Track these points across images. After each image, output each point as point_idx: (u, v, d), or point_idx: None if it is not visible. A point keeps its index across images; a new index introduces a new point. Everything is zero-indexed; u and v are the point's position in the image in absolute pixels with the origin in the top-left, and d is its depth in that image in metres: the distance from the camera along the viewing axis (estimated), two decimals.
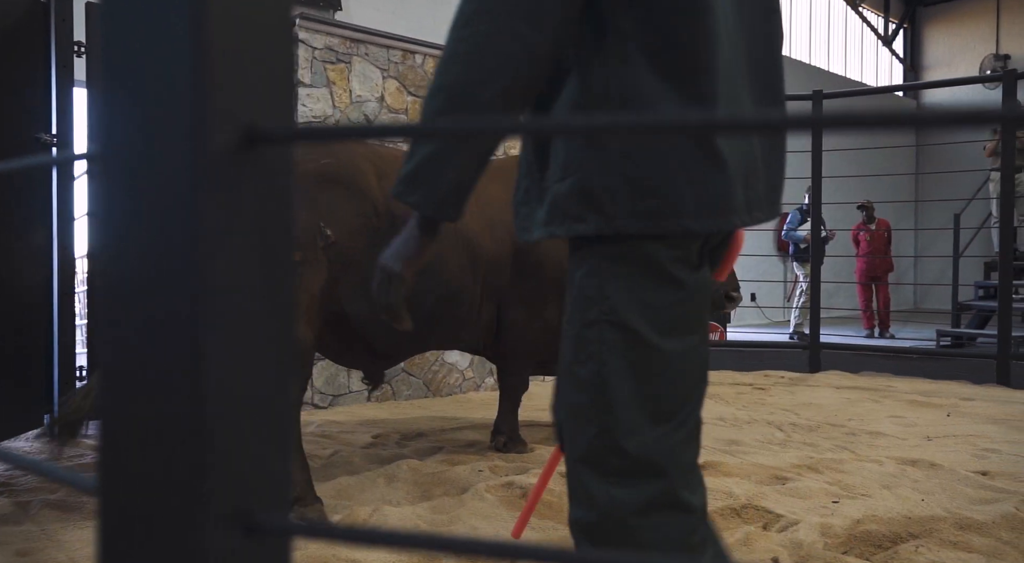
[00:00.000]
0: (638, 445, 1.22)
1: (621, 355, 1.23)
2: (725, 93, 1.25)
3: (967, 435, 4.06)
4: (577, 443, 1.28)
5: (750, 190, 1.30)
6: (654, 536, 1.22)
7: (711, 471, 3.23)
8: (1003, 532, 2.54)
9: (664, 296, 1.25)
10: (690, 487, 1.26)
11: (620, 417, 1.23)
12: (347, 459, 3.44)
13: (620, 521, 1.22)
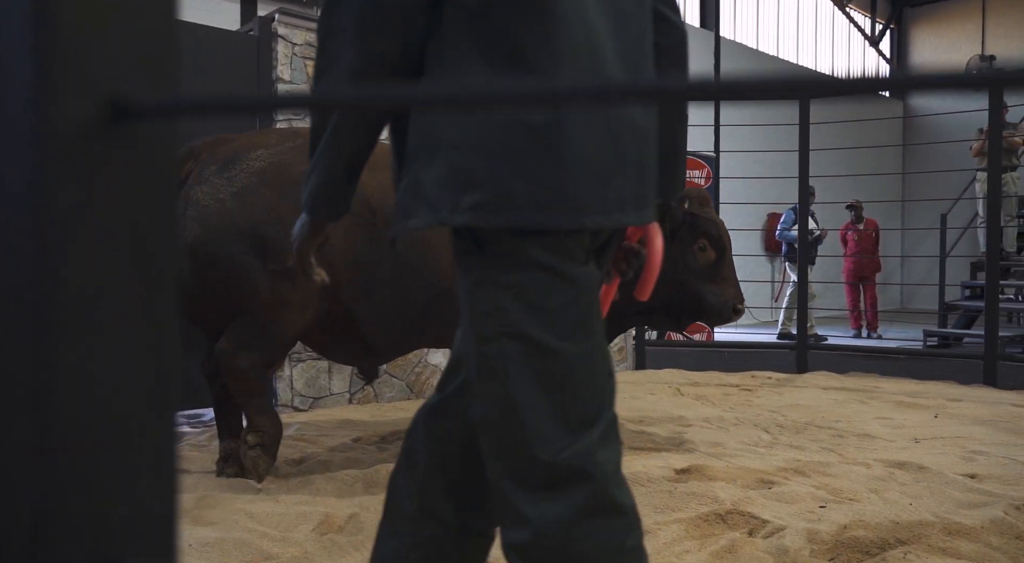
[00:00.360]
0: (556, 454, 1.19)
1: (524, 366, 1.22)
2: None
3: (955, 437, 4.02)
4: (497, 462, 1.26)
5: (609, 188, 1.27)
6: (591, 545, 1.19)
7: (697, 475, 3.18)
8: (992, 537, 2.49)
9: (557, 298, 1.23)
10: (619, 487, 1.24)
11: (533, 429, 1.20)
12: (325, 462, 3.36)
13: (554, 536, 1.18)
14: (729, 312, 3.60)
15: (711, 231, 3.61)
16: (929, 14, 19.42)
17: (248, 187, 3.01)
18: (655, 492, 2.92)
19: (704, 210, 3.65)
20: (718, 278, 3.60)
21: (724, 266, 3.62)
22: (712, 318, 3.64)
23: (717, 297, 3.58)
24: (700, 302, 3.58)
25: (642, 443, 3.79)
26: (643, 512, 2.71)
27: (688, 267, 3.58)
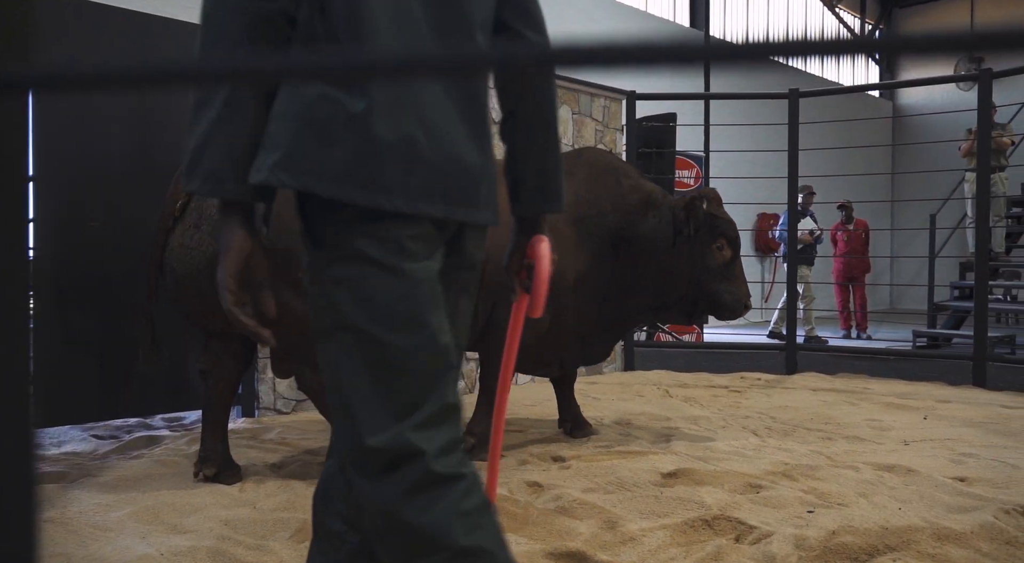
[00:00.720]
0: (385, 441, 1.25)
1: (355, 358, 1.28)
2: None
3: (944, 439, 3.99)
4: (342, 451, 1.36)
5: (413, 175, 1.30)
6: (429, 518, 1.24)
7: (683, 479, 3.13)
8: (982, 543, 2.45)
9: (387, 293, 1.28)
10: (446, 459, 1.28)
11: (362, 418, 1.27)
12: (306, 467, 3.30)
13: (394, 515, 1.26)
14: (741, 308, 3.76)
15: (729, 231, 3.75)
16: (918, 15, 19.47)
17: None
18: (641, 497, 2.86)
19: (720, 211, 3.78)
20: (731, 276, 3.75)
21: (737, 265, 3.79)
22: (725, 314, 3.78)
23: (731, 295, 3.73)
24: (716, 299, 3.73)
25: (628, 446, 3.74)
26: (628, 518, 2.67)
27: (706, 266, 3.71)
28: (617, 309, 3.79)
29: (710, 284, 3.73)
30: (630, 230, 3.72)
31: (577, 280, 3.61)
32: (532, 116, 1.56)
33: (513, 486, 3.00)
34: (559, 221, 3.54)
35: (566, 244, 3.56)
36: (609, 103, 6.42)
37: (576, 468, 3.27)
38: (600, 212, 3.71)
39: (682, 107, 9.19)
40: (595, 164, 3.85)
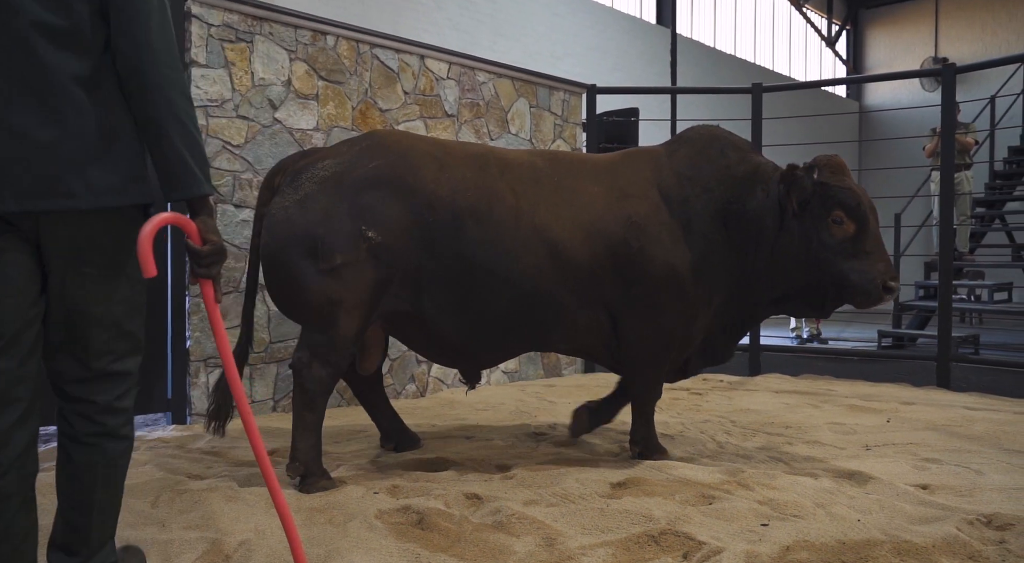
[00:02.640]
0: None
1: None
2: None
3: (907, 443, 3.85)
4: None
5: None
6: None
7: (633, 490, 2.94)
8: (943, 557, 2.29)
9: None
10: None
11: None
12: (231, 479, 3.06)
13: None
14: (878, 290, 3.16)
15: (847, 200, 3.17)
16: (884, 16, 19.56)
17: (309, 194, 3.09)
18: (585, 510, 2.67)
19: (838, 178, 3.23)
20: (861, 253, 3.17)
21: (867, 239, 3.18)
22: (859, 299, 3.22)
23: (862, 274, 3.16)
24: (842, 282, 3.19)
25: (579, 454, 3.55)
26: (569, 534, 2.47)
27: (824, 244, 3.19)
28: (739, 303, 3.41)
29: (832, 265, 3.18)
30: (738, 205, 3.32)
31: (695, 270, 3.28)
32: (146, 121, 1.72)
33: (450, 499, 2.79)
34: (661, 212, 3.29)
35: (675, 234, 3.28)
36: (569, 97, 6.24)
37: (520, 478, 3.07)
38: (705, 187, 3.35)
39: (644, 103, 9.04)
40: (696, 139, 3.50)
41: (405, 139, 3.31)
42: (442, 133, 5.29)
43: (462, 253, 3.11)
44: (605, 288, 3.27)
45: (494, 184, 3.23)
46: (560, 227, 3.22)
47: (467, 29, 10.66)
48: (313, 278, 3.00)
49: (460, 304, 3.17)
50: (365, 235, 3.02)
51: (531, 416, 4.47)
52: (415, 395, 5.15)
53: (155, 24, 1.71)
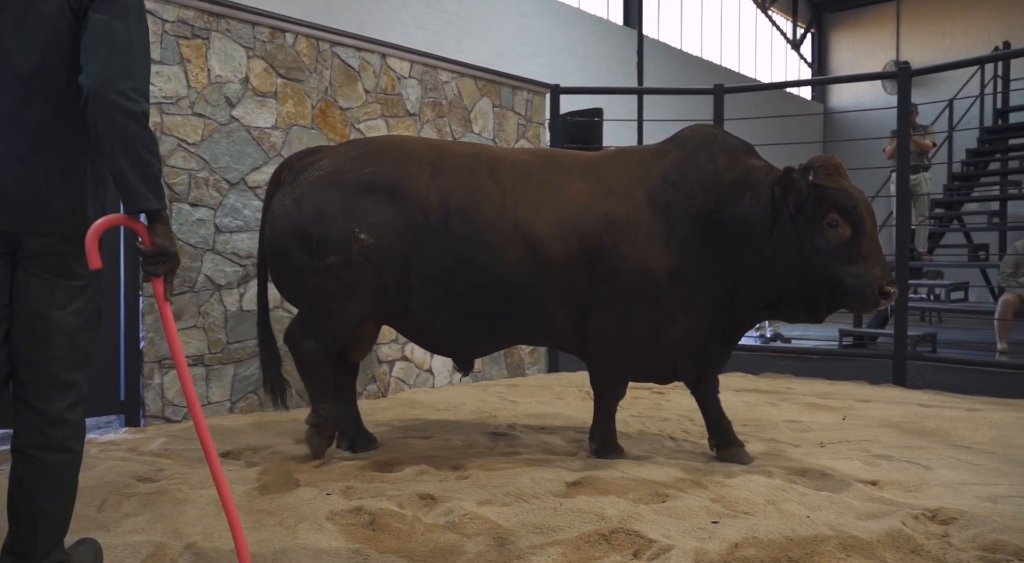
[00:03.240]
0: None
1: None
2: None
3: (860, 440, 3.90)
4: None
5: None
6: None
7: (587, 488, 2.94)
8: (888, 553, 2.33)
9: None
10: None
11: None
12: (181, 482, 3.01)
13: None
14: (874, 295, 3.07)
15: (843, 203, 3.08)
16: (848, 20, 19.86)
17: (305, 192, 3.28)
18: (538, 509, 2.67)
19: (834, 180, 3.14)
20: (857, 257, 3.08)
21: (864, 242, 3.10)
22: (855, 304, 3.16)
23: (857, 279, 3.07)
24: (838, 286, 3.11)
25: (537, 453, 3.55)
26: (520, 534, 2.47)
27: (818, 247, 3.11)
28: (728, 308, 3.36)
29: (828, 269, 3.10)
30: (722, 212, 3.26)
31: (671, 274, 3.27)
32: (98, 139, 1.86)
33: (404, 499, 2.78)
34: (641, 213, 3.30)
35: (652, 236, 3.27)
36: (532, 97, 6.25)
37: (475, 478, 3.06)
38: (688, 195, 3.31)
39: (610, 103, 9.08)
40: (689, 142, 3.45)
41: (403, 145, 3.46)
42: (403, 132, 5.26)
43: (448, 250, 3.26)
44: (579, 284, 3.31)
45: (482, 183, 3.33)
46: (540, 223, 3.28)
47: (433, 28, 10.62)
48: (309, 274, 3.24)
49: (447, 300, 3.31)
50: (357, 237, 3.19)
51: (491, 416, 4.46)
52: (376, 395, 5.12)
53: (113, 51, 1.85)
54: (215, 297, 4.33)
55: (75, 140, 1.93)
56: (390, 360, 5.22)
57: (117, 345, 4.08)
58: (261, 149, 4.52)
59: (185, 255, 4.19)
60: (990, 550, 2.35)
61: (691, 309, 3.35)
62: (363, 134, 5.03)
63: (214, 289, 4.32)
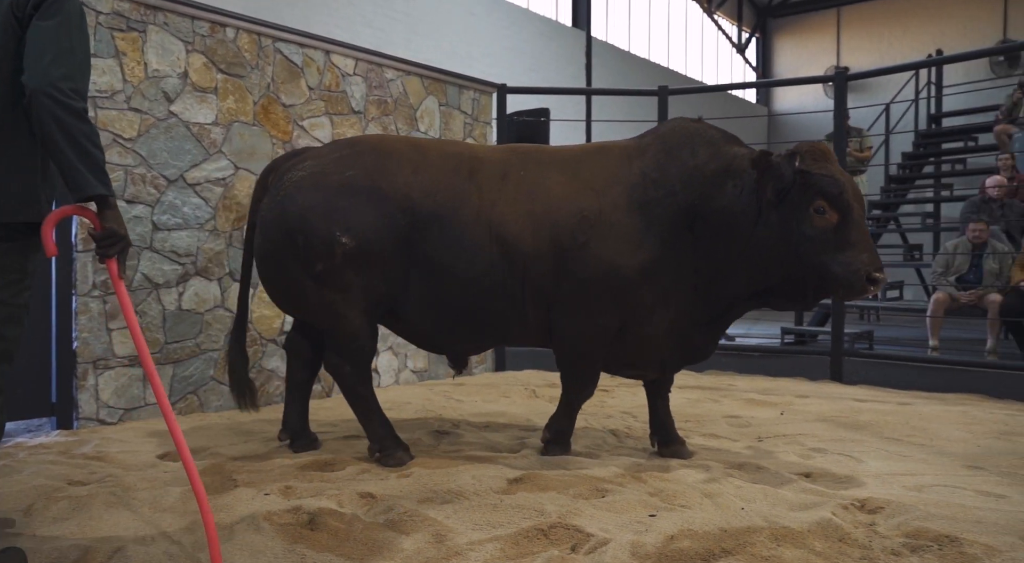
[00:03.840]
0: None
1: None
2: None
3: (797, 434, 4.00)
4: None
5: None
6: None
7: (528, 485, 2.96)
8: (817, 542, 2.39)
9: None
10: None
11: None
12: (116, 485, 2.94)
13: None
14: (861, 281, 2.99)
15: (829, 189, 3.01)
16: (791, 25, 20.33)
17: (287, 196, 3.25)
18: (478, 507, 2.68)
19: (820, 166, 3.06)
20: (844, 244, 3.01)
21: (851, 229, 3.02)
22: (842, 291, 3.08)
23: (845, 266, 3.00)
24: (825, 274, 3.04)
25: (480, 451, 3.56)
26: (460, 530, 2.47)
27: (804, 235, 3.04)
28: (711, 299, 3.30)
29: (814, 256, 3.04)
30: (705, 205, 3.20)
31: (645, 273, 3.20)
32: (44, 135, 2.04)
33: (344, 499, 2.75)
34: (617, 210, 3.22)
35: (627, 234, 3.21)
36: (479, 96, 6.25)
37: (417, 477, 3.05)
38: (669, 191, 3.24)
39: (558, 103, 9.14)
40: (670, 137, 3.37)
41: (384, 145, 3.41)
42: (348, 130, 5.22)
43: (429, 252, 3.24)
44: (548, 282, 3.26)
45: (462, 185, 3.30)
46: (514, 221, 3.24)
47: (381, 27, 10.55)
48: (301, 281, 3.23)
49: (430, 301, 3.30)
50: (340, 241, 3.16)
51: (436, 415, 4.45)
52: (321, 395, 5.07)
53: (55, 56, 2.03)
54: (152, 296, 4.23)
55: (25, 138, 2.10)
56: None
57: (48, 346, 3.96)
58: (201, 145, 4.43)
59: None
60: (913, 537, 2.43)
61: (671, 303, 3.29)
62: (306, 132, 4.97)
63: (151, 288, 4.23)
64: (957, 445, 3.77)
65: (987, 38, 17.36)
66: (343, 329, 3.26)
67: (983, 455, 3.57)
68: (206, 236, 4.46)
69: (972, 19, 17.83)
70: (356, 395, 3.37)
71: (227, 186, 4.55)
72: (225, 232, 4.55)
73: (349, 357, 3.30)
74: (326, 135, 5.08)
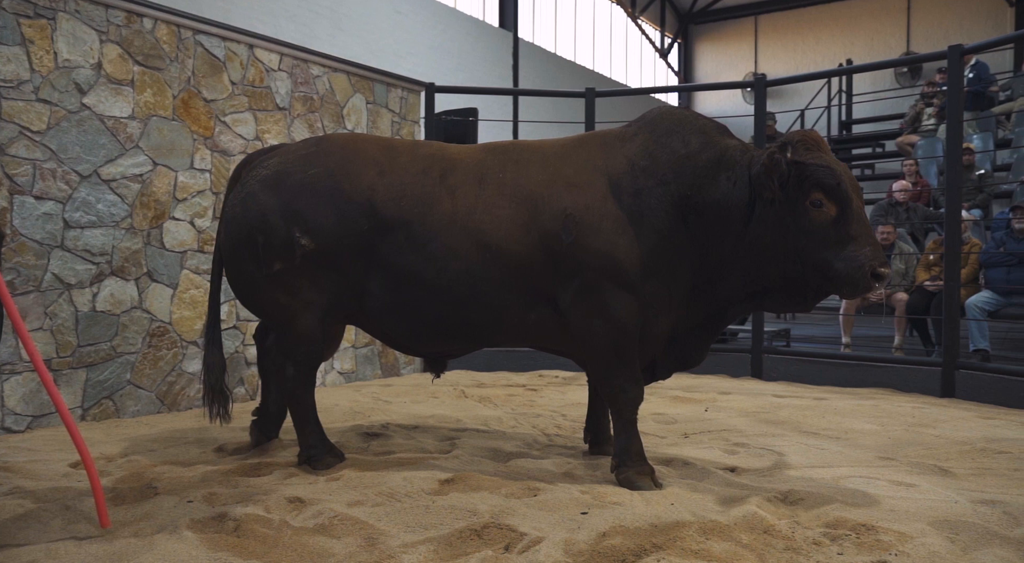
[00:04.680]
0: None
1: None
2: None
3: (721, 430, 4.11)
4: None
5: None
6: None
7: (460, 485, 2.95)
8: (743, 534, 2.46)
9: None
10: None
11: None
12: (24, 496, 2.79)
13: None
14: (866, 278, 2.75)
15: (825, 180, 2.79)
16: (711, 32, 20.89)
17: (251, 193, 3.20)
18: (410, 508, 2.65)
19: (814, 155, 2.84)
20: (846, 238, 2.79)
21: (851, 222, 2.79)
22: (846, 289, 2.83)
23: (848, 262, 2.76)
24: (827, 272, 2.81)
25: (411, 453, 3.52)
26: (392, 533, 2.44)
27: (802, 230, 2.82)
28: (706, 299, 3.09)
29: (815, 253, 2.82)
30: (698, 197, 2.99)
31: (644, 263, 2.98)
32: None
33: (271, 504, 2.69)
34: (606, 202, 3.02)
35: (619, 225, 3.00)
36: (407, 95, 6.20)
37: (347, 479, 3.00)
38: (661, 180, 3.03)
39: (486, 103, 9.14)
40: (659, 124, 3.18)
41: (351, 145, 3.29)
42: (272, 127, 5.10)
43: (395, 258, 3.11)
44: (547, 284, 3.08)
45: (433, 189, 3.14)
46: (495, 227, 3.07)
47: (305, 21, 10.35)
48: (257, 281, 3.18)
49: (398, 306, 3.18)
50: (299, 242, 3.09)
51: (365, 417, 4.39)
52: (245, 398, 4.93)
53: None
54: (64, 297, 4.04)
55: None
56: None
57: None
58: (116, 140, 4.25)
59: (29, 252, 3.88)
60: (832, 526, 2.53)
61: (669, 302, 3.07)
62: (229, 128, 4.83)
63: (63, 289, 4.03)
64: (870, 438, 3.94)
65: (892, 49, 18.23)
66: (293, 330, 3.20)
67: (893, 447, 3.74)
68: (122, 234, 4.28)
69: (879, 31, 18.69)
70: (295, 398, 3.30)
71: (145, 183, 4.38)
72: (143, 230, 4.38)
73: (295, 359, 3.24)
74: (250, 131, 4.95)
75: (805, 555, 2.30)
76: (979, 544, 2.38)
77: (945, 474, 3.24)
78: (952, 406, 4.87)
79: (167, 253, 4.50)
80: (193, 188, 4.64)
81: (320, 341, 3.24)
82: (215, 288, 3.53)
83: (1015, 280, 6.33)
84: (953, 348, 5.24)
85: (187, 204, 4.62)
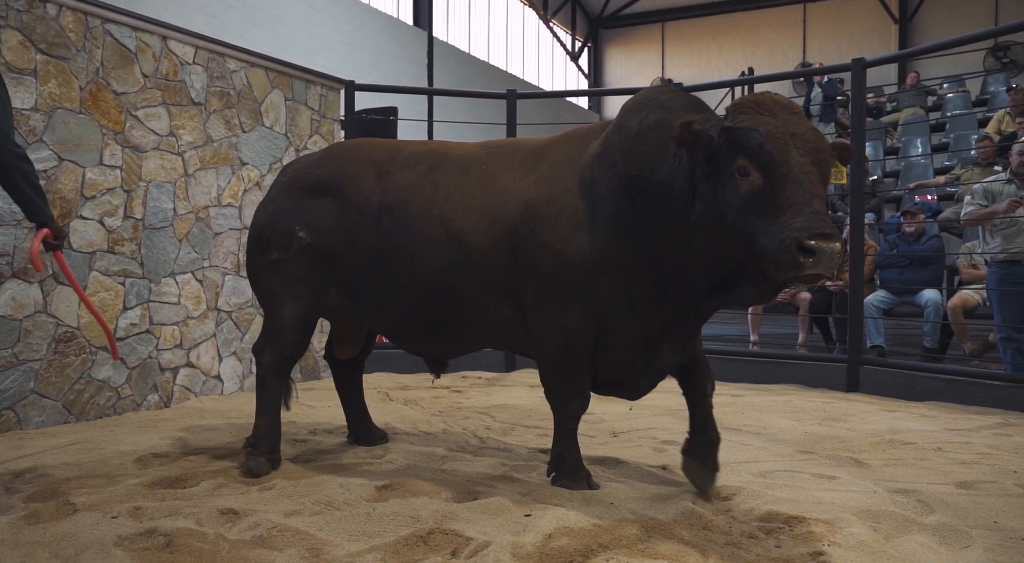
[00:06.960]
0: None
1: None
2: None
3: (648, 428, 4.20)
4: None
5: None
6: None
7: (399, 491, 2.91)
8: (684, 531, 2.52)
9: None
10: None
11: None
12: None
13: None
14: (788, 253, 2.21)
15: (745, 142, 2.35)
16: (620, 37, 21.35)
17: (271, 197, 3.50)
18: (351, 516, 2.60)
19: (748, 118, 2.40)
20: (775, 208, 2.29)
21: (783, 189, 2.29)
22: (771, 268, 2.30)
23: (771, 237, 2.27)
24: (752, 249, 2.35)
25: (341, 459, 3.45)
26: (336, 543, 2.38)
27: (729, 204, 2.41)
28: (672, 296, 2.76)
29: (745, 229, 2.36)
30: (643, 178, 2.67)
31: (596, 259, 2.76)
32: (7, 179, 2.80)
33: (203, 516, 2.58)
34: (568, 195, 2.84)
35: (574, 219, 2.81)
36: (327, 92, 6.06)
37: (280, 488, 2.91)
38: (610, 163, 2.77)
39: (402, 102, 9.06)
40: (629, 106, 2.88)
41: (357, 148, 3.46)
42: (187, 122, 4.89)
43: (375, 248, 3.19)
44: (510, 280, 2.97)
45: (418, 180, 3.18)
46: (466, 217, 2.99)
47: (216, 13, 9.98)
48: (260, 270, 3.40)
49: (381, 300, 3.25)
50: (297, 235, 3.29)
51: (289, 422, 4.27)
52: (158, 405, 4.72)
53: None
54: None
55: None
56: (173, 367, 4.83)
57: None
58: (18, 133, 3.98)
59: None
60: (765, 520, 2.62)
61: (628, 302, 2.82)
62: (141, 122, 4.61)
63: None
64: (788, 433, 4.11)
65: (790, 59, 19.10)
66: (276, 317, 3.35)
67: (811, 441, 3.92)
68: (24, 234, 4.01)
69: (777, 42, 19.55)
70: (263, 385, 3.37)
71: (50, 179, 4.13)
72: None
73: (274, 345, 3.36)
74: (163, 126, 4.74)
75: (745, 549, 2.38)
76: (900, 531, 2.52)
77: (861, 465, 3.41)
78: (858, 400, 5.14)
79: (74, 254, 4.25)
80: (102, 185, 4.40)
81: (299, 332, 3.36)
82: None
83: (907, 280, 6.74)
84: (858, 345, 5.53)
85: (96, 202, 4.38)
